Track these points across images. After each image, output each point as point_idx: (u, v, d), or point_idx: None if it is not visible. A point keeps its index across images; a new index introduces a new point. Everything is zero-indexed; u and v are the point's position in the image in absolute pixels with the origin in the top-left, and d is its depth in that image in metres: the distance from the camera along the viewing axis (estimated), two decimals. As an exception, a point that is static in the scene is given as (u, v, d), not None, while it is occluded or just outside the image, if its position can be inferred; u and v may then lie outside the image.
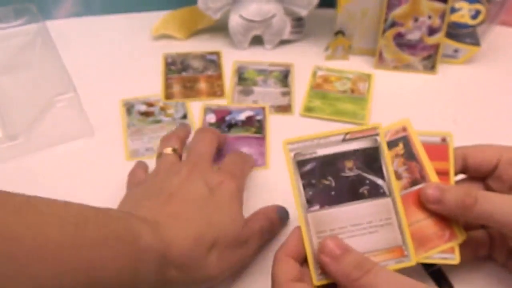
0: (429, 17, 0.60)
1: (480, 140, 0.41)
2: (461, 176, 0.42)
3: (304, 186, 0.38)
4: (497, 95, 0.61)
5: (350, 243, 0.36)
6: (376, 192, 0.38)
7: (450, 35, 0.63)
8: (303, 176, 0.38)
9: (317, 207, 0.37)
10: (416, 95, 0.62)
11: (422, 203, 0.39)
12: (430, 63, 0.63)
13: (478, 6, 0.61)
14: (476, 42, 0.64)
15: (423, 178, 0.40)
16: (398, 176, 0.40)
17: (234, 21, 0.66)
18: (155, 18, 0.70)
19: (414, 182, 0.40)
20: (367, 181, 0.38)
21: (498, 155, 0.40)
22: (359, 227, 0.37)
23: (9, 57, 0.62)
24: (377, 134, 0.39)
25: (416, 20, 0.61)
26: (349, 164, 0.38)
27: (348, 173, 0.38)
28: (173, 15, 0.70)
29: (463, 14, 0.62)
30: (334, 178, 0.38)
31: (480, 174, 0.41)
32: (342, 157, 0.38)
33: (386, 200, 0.38)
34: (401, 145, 0.40)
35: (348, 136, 0.38)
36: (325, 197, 0.37)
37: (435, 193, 0.38)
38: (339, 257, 0.35)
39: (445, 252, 0.39)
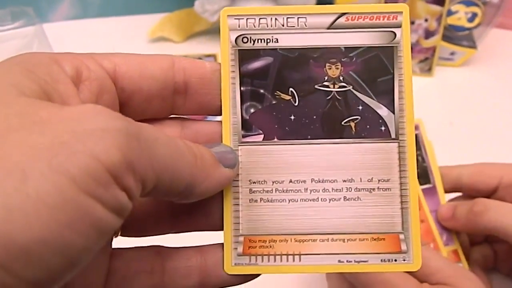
0: (426, 20, 0.60)
1: (476, 142, 0.41)
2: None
3: (244, 97, 0.22)
4: (493, 97, 0.61)
5: (305, 212, 0.22)
6: (373, 128, 0.22)
7: (446, 38, 0.63)
8: (245, 78, 0.22)
9: (259, 137, 0.22)
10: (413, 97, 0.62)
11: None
12: (426, 65, 0.63)
13: (474, 9, 0.61)
14: (472, 45, 0.64)
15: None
16: None
17: (231, 23, 0.66)
18: (152, 21, 0.70)
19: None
20: (360, 107, 0.22)
21: (498, 177, 0.38)
22: (328, 186, 0.22)
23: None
24: (397, 26, 0.22)
25: (412, 23, 0.61)
26: (334, 70, 0.22)
27: (329, 87, 0.22)
28: (170, 18, 0.70)
29: (460, 17, 0.62)
30: (301, 92, 0.22)
31: (477, 194, 0.39)
32: (322, 56, 0.22)
33: (388, 146, 0.22)
34: None
35: (342, 20, 0.22)
36: (278, 123, 0.22)
37: (449, 211, 0.39)
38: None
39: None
